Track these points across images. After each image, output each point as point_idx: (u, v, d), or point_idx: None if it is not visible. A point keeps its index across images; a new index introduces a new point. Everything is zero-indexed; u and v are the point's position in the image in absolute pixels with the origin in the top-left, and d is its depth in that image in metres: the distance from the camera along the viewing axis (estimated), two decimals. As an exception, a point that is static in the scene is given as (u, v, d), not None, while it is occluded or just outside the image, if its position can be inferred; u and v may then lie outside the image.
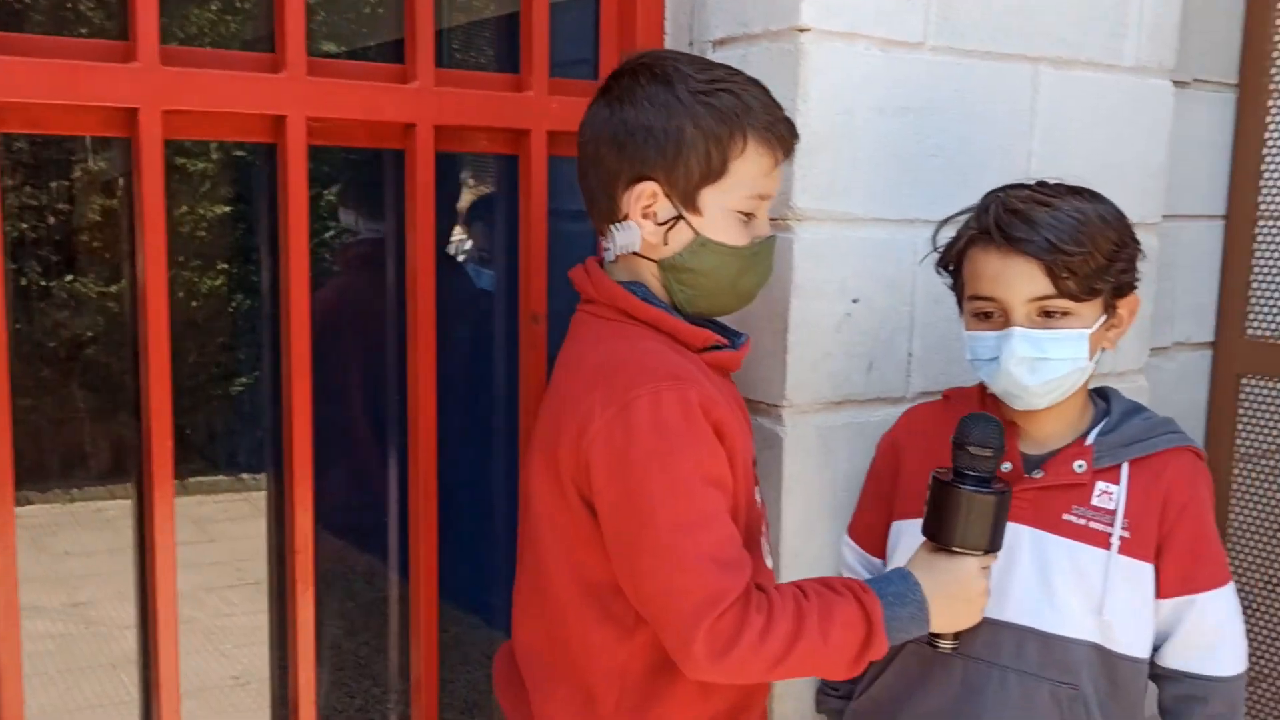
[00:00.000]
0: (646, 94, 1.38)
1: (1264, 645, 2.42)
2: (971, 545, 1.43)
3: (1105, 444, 1.57)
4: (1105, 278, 1.50)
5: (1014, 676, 1.55)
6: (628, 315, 1.41)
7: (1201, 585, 1.56)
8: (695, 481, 1.30)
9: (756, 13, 1.70)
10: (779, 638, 1.29)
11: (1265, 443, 2.41)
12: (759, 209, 1.44)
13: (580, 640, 1.39)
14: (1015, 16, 1.87)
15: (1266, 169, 2.37)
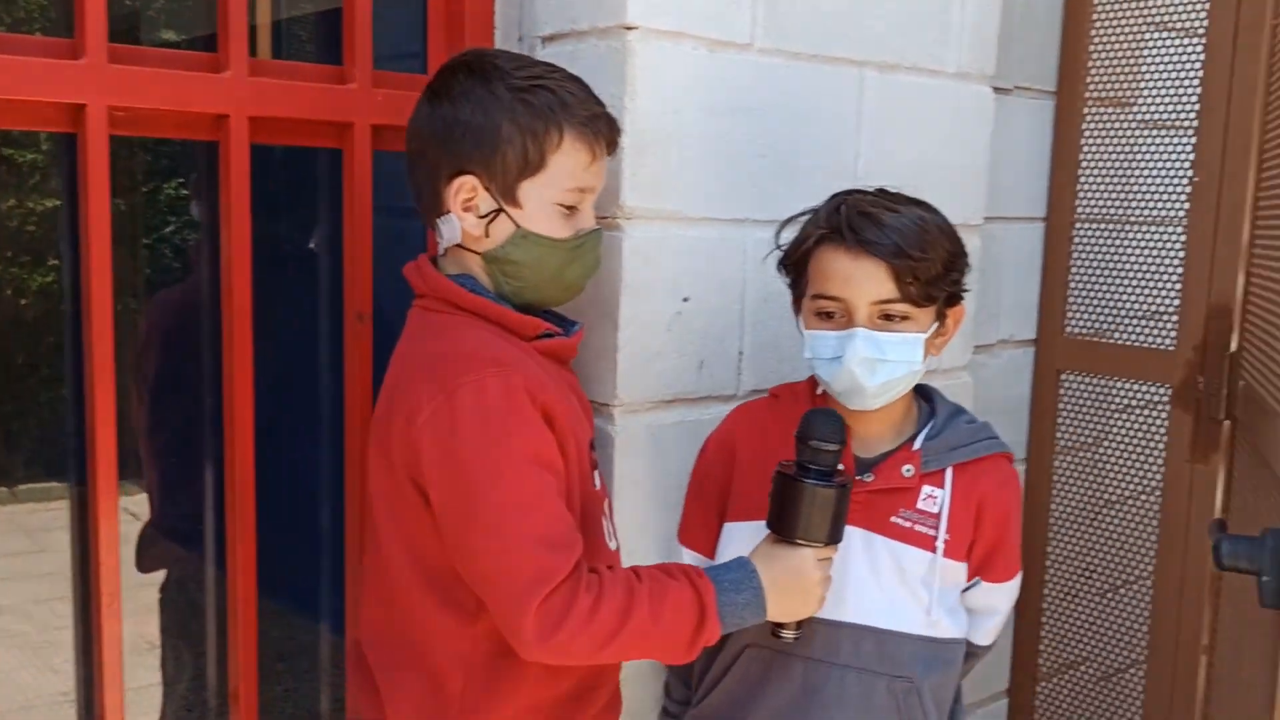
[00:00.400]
0: (465, 90, 1.42)
1: (1083, 630, 2.53)
2: (813, 538, 1.47)
3: (931, 449, 1.62)
4: (942, 285, 1.56)
5: (852, 674, 1.60)
6: (455, 306, 1.44)
7: (998, 577, 1.68)
8: (521, 463, 1.33)
9: (584, 10, 1.69)
10: (607, 618, 1.32)
11: (1083, 435, 2.52)
12: (582, 202, 1.47)
13: (424, 627, 1.41)
14: (841, 21, 1.90)
15: (1083, 173, 2.47)
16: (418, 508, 1.37)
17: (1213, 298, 2.26)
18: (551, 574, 1.30)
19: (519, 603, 1.29)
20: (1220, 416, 2.25)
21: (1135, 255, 2.42)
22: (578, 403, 1.51)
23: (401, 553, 1.41)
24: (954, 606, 1.65)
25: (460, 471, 1.32)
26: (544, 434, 1.36)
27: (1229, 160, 2.22)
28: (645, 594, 1.35)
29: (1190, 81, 2.30)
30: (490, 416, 1.32)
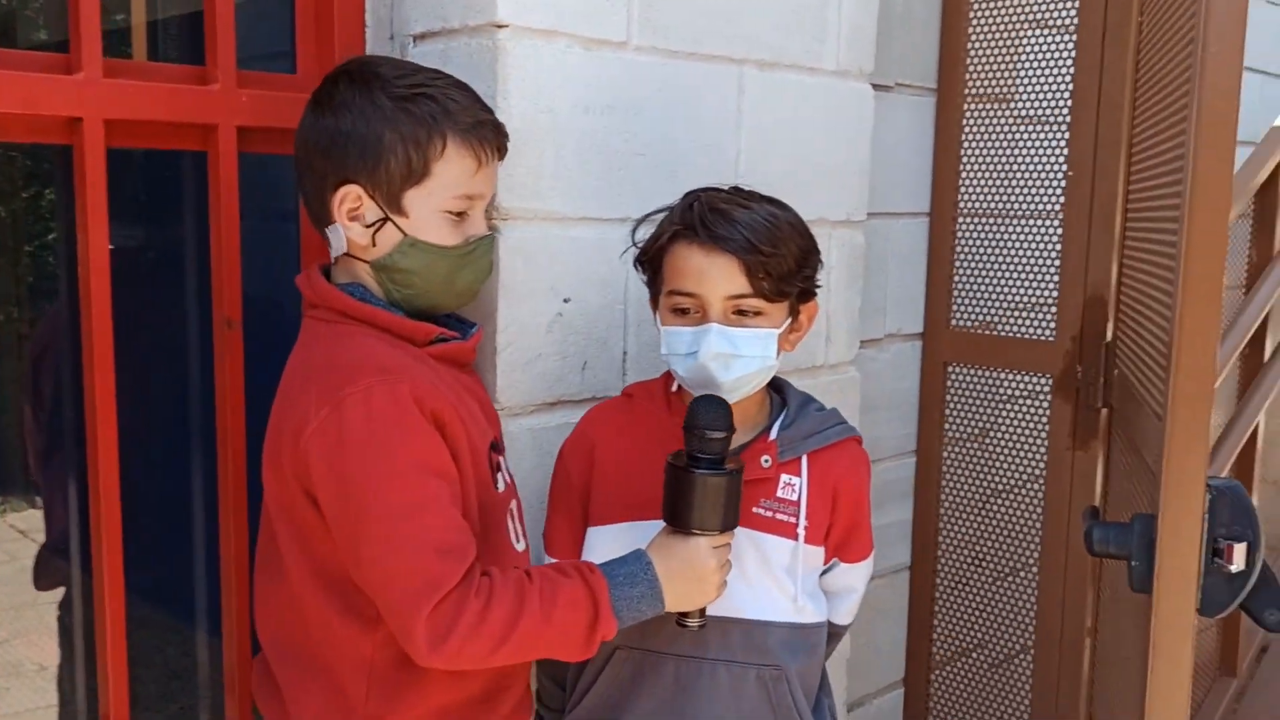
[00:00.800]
0: (346, 100, 1.42)
1: (974, 618, 2.58)
2: (707, 526, 1.48)
3: (786, 438, 1.64)
4: (794, 281, 1.58)
5: (722, 667, 1.61)
6: (346, 315, 1.43)
7: (855, 556, 1.73)
8: (409, 471, 1.32)
9: (455, 8, 1.66)
10: (497, 620, 1.32)
11: (970, 426, 2.56)
12: (471, 208, 1.47)
13: (325, 635, 1.40)
14: (718, 19, 1.90)
15: (965, 168, 2.51)
16: (313, 519, 1.36)
17: (1089, 289, 2.31)
18: (441, 582, 1.30)
19: (410, 611, 1.29)
20: (1098, 405, 2.30)
21: (1016, 248, 2.47)
22: (478, 406, 1.50)
23: (300, 563, 1.40)
24: (814, 591, 1.68)
25: (348, 483, 1.31)
26: (433, 441, 1.35)
27: (1101, 154, 2.28)
28: (536, 594, 1.35)
29: (1064, 78, 2.36)
30: (377, 426, 1.31)
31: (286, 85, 1.73)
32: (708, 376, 1.54)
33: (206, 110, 1.62)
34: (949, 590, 2.61)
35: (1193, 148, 1.42)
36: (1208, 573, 1.49)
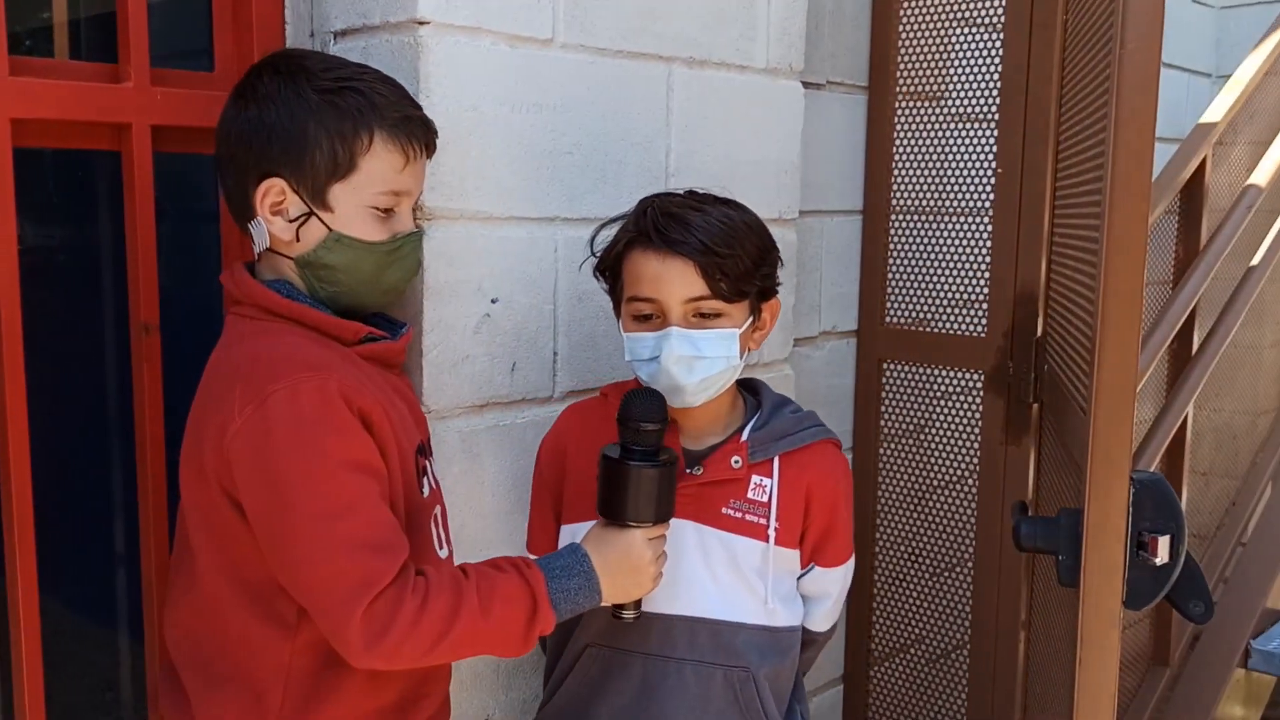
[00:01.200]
0: (271, 92, 1.38)
1: (912, 614, 2.59)
2: (641, 518, 1.48)
3: (757, 439, 1.64)
4: (753, 281, 1.58)
5: (690, 667, 1.61)
6: (271, 312, 1.40)
7: (831, 561, 1.71)
8: (338, 468, 1.30)
9: (376, 4, 1.64)
10: (435, 617, 1.30)
11: (906, 422, 2.57)
12: (398, 205, 1.44)
13: (242, 640, 1.37)
14: (646, 17, 1.89)
15: (897, 166, 2.52)
16: (233, 521, 1.33)
17: (1019, 285, 2.33)
18: (376, 578, 1.28)
19: (344, 610, 1.27)
20: (1030, 400, 2.32)
21: (949, 245, 2.48)
22: (406, 408, 1.48)
23: (217, 567, 1.37)
24: (789, 595, 1.68)
25: (275, 481, 1.28)
26: (361, 438, 1.33)
27: (1029, 152, 2.30)
28: (473, 590, 1.34)
29: (993, 75, 2.37)
30: (304, 423, 1.28)
31: (204, 83, 1.69)
32: (672, 381, 1.55)
33: (119, 109, 1.58)
34: (887, 587, 2.62)
35: (1112, 145, 1.43)
36: (1132, 566, 1.50)
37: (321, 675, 1.37)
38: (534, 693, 1.88)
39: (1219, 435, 3.49)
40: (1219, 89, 3.38)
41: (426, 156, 1.47)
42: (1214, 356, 3.05)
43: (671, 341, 1.53)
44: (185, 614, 1.43)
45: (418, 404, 1.58)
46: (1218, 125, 3.14)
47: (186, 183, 1.76)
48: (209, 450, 1.32)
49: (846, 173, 2.52)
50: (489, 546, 1.77)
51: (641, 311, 1.56)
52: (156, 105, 1.60)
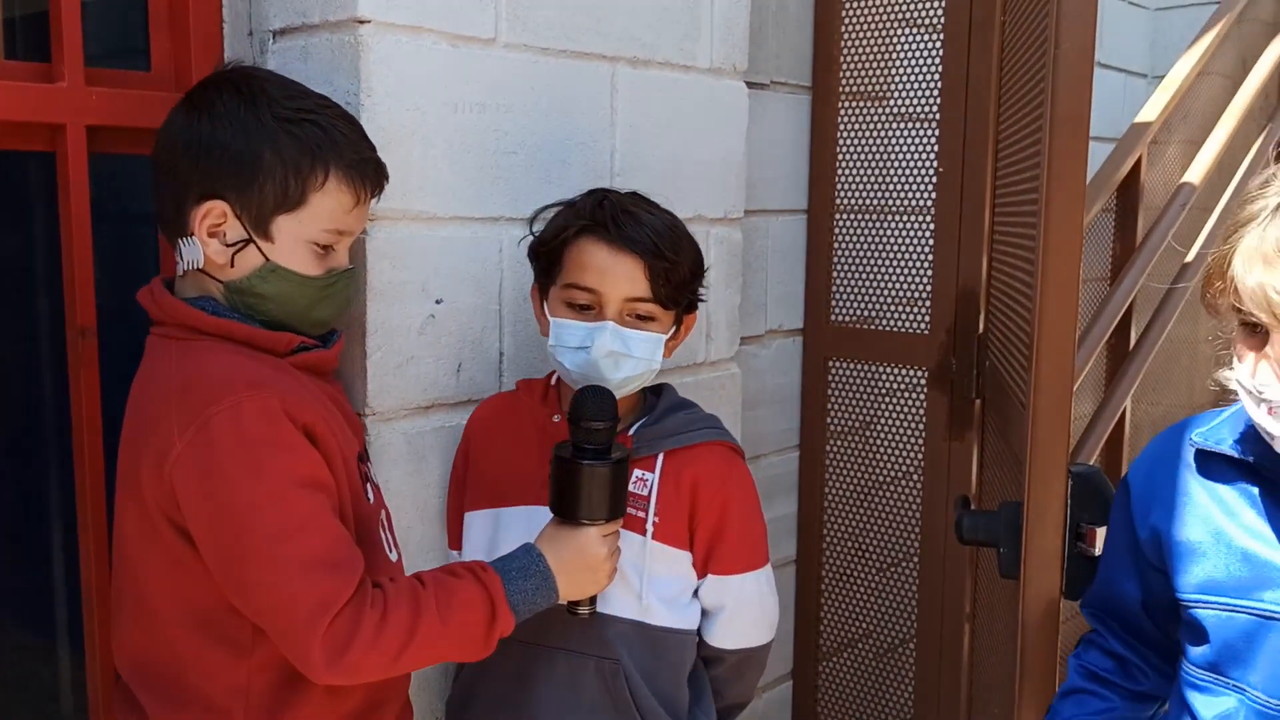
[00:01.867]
0: (228, 110, 1.35)
1: (859, 610, 2.61)
2: (595, 516, 1.50)
3: (644, 435, 1.66)
4: (687, 291, 1.63)
5: (561, 655, 1.62)
6: (196, 331, 1.36)
7: (724, 569, 1.67)
8: (289, 487, 1.28)
9: (315, 3, 1.62)
10: (395, 630, 1.30)
11: (852, 419, 2.60)
12: (339, 243, 1.43)
13: (197, 664, 1.35)
14: (590, 17, 1.89)
15: (840, 166, 2.54)
16: (177, 547, 1.30)
17: (960, 283, 2.36)
18: (333, 598, 1.26)
19: (305, 631, 1.25)
20: (972, 396, 2.36)
21: (892, 244, 2.51)
22: (342, 417, 1.46)
23: (164, 593, 1.34)
24: (672, 597, 1.65)
25: (224, 506, 1.26)
26: (309, 454, 1.31)
27: (969, 151, 2.33)
28: (431, 599, 1.34)
29: (934, 76, 2.40)
30: (249, 443, 1.26)
31: (140, 83, 1.67)
32: (597, 373, 1.56)
33: (53, 109, 1.55)
34: (834, 583, 2.64)
35: (1048, 147, 1.45)
36: (1070, 557, 1.53)
37: (281, 692, 1.36)
38: (483, 694, 1.88)
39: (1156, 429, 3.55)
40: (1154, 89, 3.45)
41: (375, 199, 1.46)
42: (1150, 351, 3.11)
43: (605, 336, 1.55)
44: (135, 637, 1.40)
45: (352, 411, 1.56)
46: (1152, 125, 3.20)
47: (122, 184, 1.73)
48: (148, 478, 1.29)
49: (791, 172, 2.54)
50: (435, 548, 1.76)
51: (578, 300, 1.58)
52: (92, 105, 1.57)
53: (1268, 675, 1.24)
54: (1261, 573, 1.25)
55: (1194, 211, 3.33)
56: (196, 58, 1.68)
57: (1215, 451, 1.31)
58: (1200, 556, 1.31)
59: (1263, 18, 4.07)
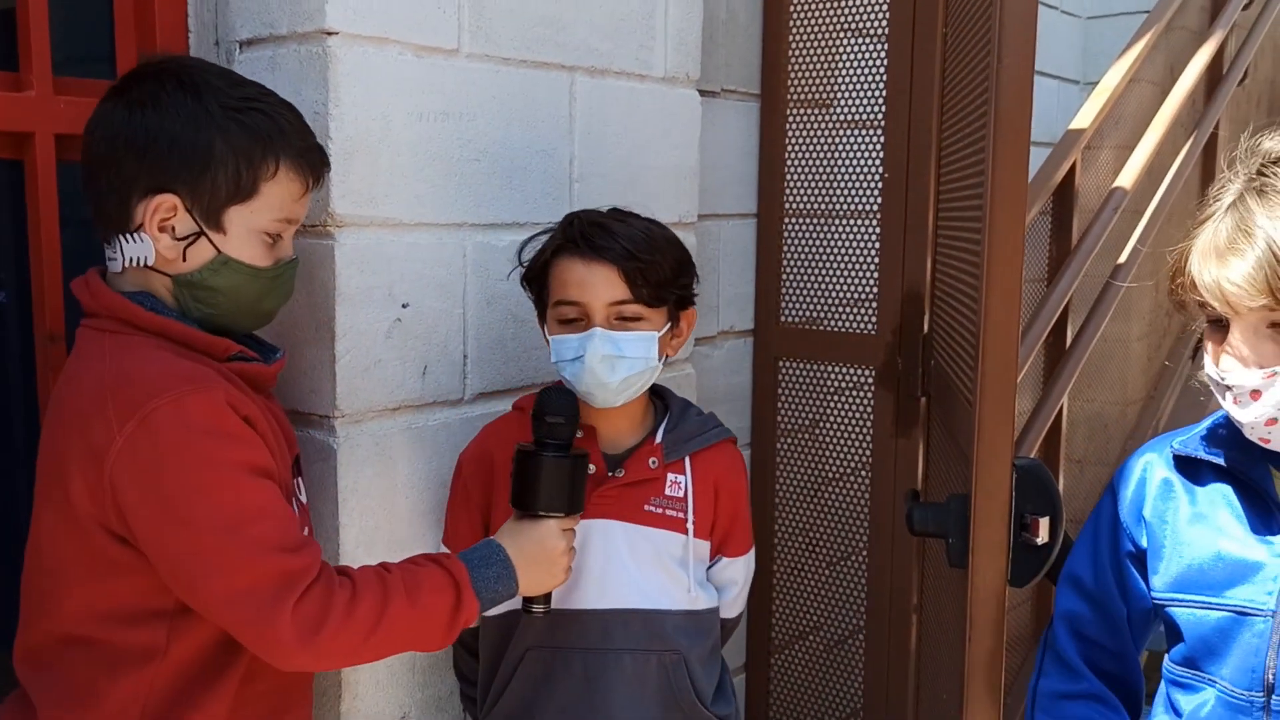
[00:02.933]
0: (173, 101, 1.34)
1: (810, 602, 2.68)
2: (554, 508, 1.56)
3: (670, 441, 1.77)
4: (672, 289, 1.71)
5: (627, 655, 1.72)
6: (133, 326, 1.34)
7: (736, 551, 1.86)
8: (240, 476, 1.27)
9: (282, 14, 1.65)
10: (367, 609, 1.30)
11: (801, 417, 2.67)
12: (286, 232, 1.44)
13: (104, 670, 1.33)
14: (549, 27, 1.94)
15: (789, 171, 2.61)
16: (108, 553, 1.29)
17: (906, 284, 2.44)
18: (299, 576, 1.27)
19: (270, 613, 1.25)
20: (918, 394, 2.43)
21: (840, 247, 2.58)
22: (278, 425, 1.45)
23: (80, 598, 1.32)
24: (704, 580, 1.81)
25: (171, 498, 1.25)
26: (256, 443, 1.32)
27: (913, 157, 2.41)
28: (399, 582, 1.36)
29: (878, 83, 2.48)
30: (195, 434, 1.25)
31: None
32: (596, 378, 1.64)
33: (22, 118, 1.57)
34: (786, 577, 2.71)
35: (991, 155, 1.52)
36: (1016, 546, 1.60)
37: (177, 702, 1.34)
38: (449, 689, 1.92)
39: (1091, 424, 3.68)
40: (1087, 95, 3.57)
41: (318, 187, 1.48)
42: (1086, 349, 3.22)
43: (595, 341, 1.63)
44: (43, 641, 1.37)
45: (290, 427, 1.55)
46: (1086, 130, 3.31)
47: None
48: (78, 476, 1.27)
49: (741, 177, 2.61)
50: (403, 547, 1.79)
51: (567, 315, 1.67)
52: (60, 114, 1.59)
53: (1236, 668, 1.30)
54: (1234, 571, 1.32)
55: (1126, 214, 3.45)
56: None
57: (1192, 456, 1.39)
58: (1177, 557, 1.38)
59: (1190, 27, 4.22)
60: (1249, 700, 1.30)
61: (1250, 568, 1.31)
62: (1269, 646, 1.28)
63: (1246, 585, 1.30)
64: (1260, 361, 1.23)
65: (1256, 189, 1.26)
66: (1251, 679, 1.29)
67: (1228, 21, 4.26)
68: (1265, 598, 1.29)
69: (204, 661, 1.35)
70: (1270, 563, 1.29)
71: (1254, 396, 1.24)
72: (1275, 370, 1.22)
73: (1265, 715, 1.29)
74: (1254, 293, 1.21)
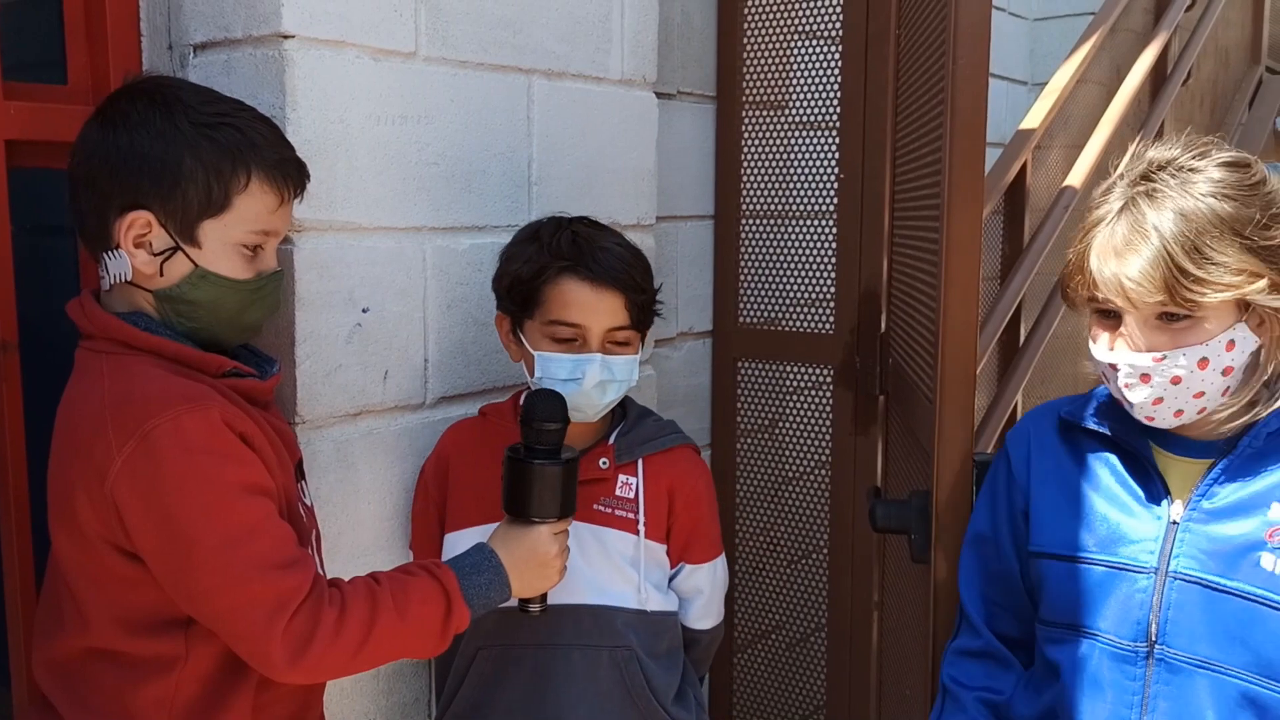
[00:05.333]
0: (144, 120, 1.35)
1: (771, 602, 2.70)
2: (546, 514, 1.57)
3: (624, 443, 1.79)
4: (652, 313, 1.76)
5: (577, 651, 1.73)
6: (127, 346, 1.36)
7: (699, 558, 1.86)
8: (235, 494, 1.30)
9: (237, 17, 1.64)
10: (355, 625, 1.33)
11: (761, 417, 2.68)
12: (266, 244, 1.44)
13: (129, 681, 1.35)
14: (506, 30, 1.94)
15: (745, 172, 2.63)
16: (117, 566, 1.31)
17: (862, 284, 2.47)
18: (290, 596, 1.30)
19: (264, 631, 1.28)
20: (876, 392, 2.46)
21: (796, 247, 2.60)
22: (276, 435, 1.46)
23: (99, 607, 1.35)
24: (659, 584, 1.81)
25: (171, 518, 1.27)
26: (252, 461, 1.33)
27: (868, 157, 2.43)
28: (388, 594, 1.38)
29: (833, 85, 2.50)
30: (192, 453, 1.27)
31: (57, 97, 1.66)
32: (589, 400, 1.69)
33: (-29, 124, 1.54)
34: (747, 577, 2.72)
35: (948, 153, 1.55)
36: (977, 540, 1.62)
37: (202, 708, 1.37)
38: (414, 695, 1.91)
39: (1045, 420, 3.72)
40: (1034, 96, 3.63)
41: (297, 199, 1.48)
42: (1039, 346, 3.27)
43: (594, 367, 1.67)
44: (63, 653, 1.39)
45: (289, 431, 1.56)
46: (1036, 130, 3.37)
47: (39, 197, 1.72)
48: (83, 500, 1.29)
49: (698, 179, 2.62)
50: (365, 553, 1.79)
51: (562, 335, 1.69)
52: (11, 120, 1.57)
53: (1119, 620, 1.39)
54: (1115, 530, 1.41)
55: (1076, 213, 3.51)
56: (114, 71, 1.68)
57: (1078, 425, 1.48)
58: (1060, 515, 1.46)
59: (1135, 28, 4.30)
60: (1133, 650, 1.38)
61: (1131, 529, 1.40)
62: (1151, 600, 1.36)
63: (1129, 545, 1.39)
64: (1152, 347, 1.33)
65: (1146, 192, 1.36)
66: (1136, 630, 1.37)
67: (1171, 23, 4.35)
68: (1147, 556, 1.38)
69: (225, 667, 1.37)
70: (1151, 525, 1.39)
71: (1144, 380, 1.34)
72: (1165, 355, 1.32)
73: (1149, 661, 1.37)
74: (1151, 289, 1.31)
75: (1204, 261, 1.29)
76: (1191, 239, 1.30)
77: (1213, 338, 1.32)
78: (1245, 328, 1.33)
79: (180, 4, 1.70)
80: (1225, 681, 1.32)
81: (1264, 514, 1.33)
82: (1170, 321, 1.33)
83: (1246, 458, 1.36)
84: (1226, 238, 1.30)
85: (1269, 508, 1.33)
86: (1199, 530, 1.36)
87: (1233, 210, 1.32)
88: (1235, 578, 1.32)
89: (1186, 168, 1.37)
